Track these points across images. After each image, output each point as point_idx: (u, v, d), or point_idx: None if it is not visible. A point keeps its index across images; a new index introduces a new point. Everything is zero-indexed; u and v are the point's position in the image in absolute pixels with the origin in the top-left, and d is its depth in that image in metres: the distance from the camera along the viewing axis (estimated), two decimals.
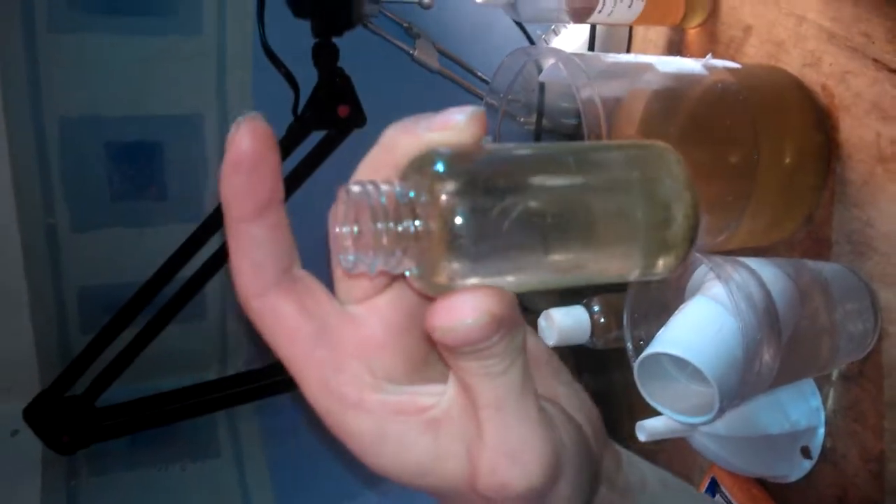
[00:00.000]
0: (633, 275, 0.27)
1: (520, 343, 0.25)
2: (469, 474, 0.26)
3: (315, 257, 0.30)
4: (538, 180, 0.25)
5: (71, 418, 0.93)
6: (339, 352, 0.26)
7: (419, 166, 0.24)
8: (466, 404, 0.26)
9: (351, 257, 0.24)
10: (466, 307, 0.23)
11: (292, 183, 0.88)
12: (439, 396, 0.26)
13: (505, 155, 0.25)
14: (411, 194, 0.23)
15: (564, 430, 0.28)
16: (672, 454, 0.79)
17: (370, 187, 0.24)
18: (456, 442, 0.26)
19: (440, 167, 0.23)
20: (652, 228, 0.26)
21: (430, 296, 0.24)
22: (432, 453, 0.26)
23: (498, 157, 0.25)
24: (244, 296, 0.25)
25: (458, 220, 0.23)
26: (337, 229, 0.24)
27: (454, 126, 0.25)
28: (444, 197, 0.23)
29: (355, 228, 0.23)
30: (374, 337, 0.26)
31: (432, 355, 0.28)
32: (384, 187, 0.24)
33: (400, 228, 0.23)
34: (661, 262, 0.27)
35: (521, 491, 0.25)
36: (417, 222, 0.23)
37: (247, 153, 0.24)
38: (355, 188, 0.24)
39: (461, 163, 0.24)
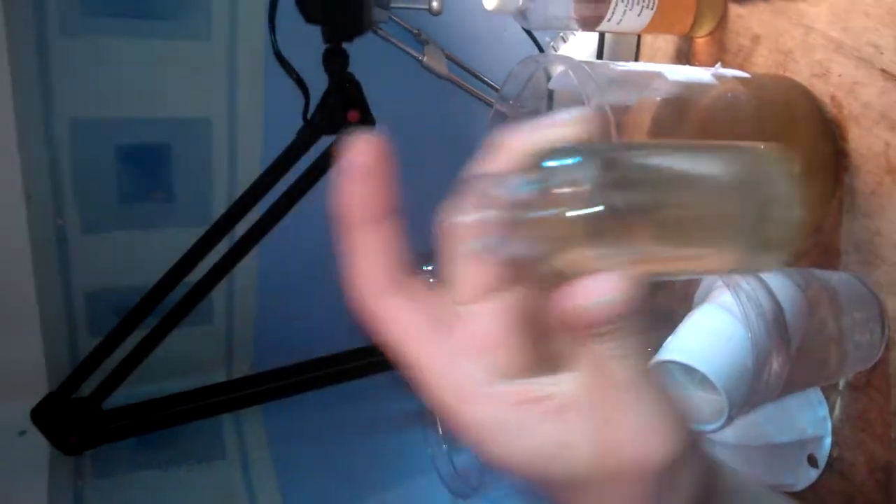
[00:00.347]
0: (742, 268, 0.29)
1: (641, 328, 0.26)
2: (599, 457, 0.27)
3: (317, 257, 0.30)
4: (665, 174, 0.26)
5: (78, 419, 0.94)
6: (454, 348, 0.27)
7: (548, 157, 0.25)
8: (594, 387, 0.27)
9: (481, 244, 0.25)
10: (606, 286, 0.25)
11: (302, 187, 0.88)
12: (553, 387, 0.27)
13: (629, 148, 0.27)
14: (538, 184, 0.24)
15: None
16: None
17: (498, 177, 0.25)
18: (581, 427, 0.27)
19: (574, 157, 0.24)
20: (767, 225, 0.28)
21: (561, 281, 0.26)
22: (556, 440, 0.27)
23: (623, 151, 0.27)
24: (361, 297, 0.27)
25: (595, 208, 0.24)
26: (464, 218, 0.25)
27: (569, 124, 0.27)
28: (581, 187, 0.24)
29: (485, 215, 0.25)
30: (488, 335, 0.27)
31: (542, 354, 0.29)
32: (512, 177, 0.25)
33: (532, 216, 0.24)
34: (770, 258, 0.28)
35: (662, 461, 0.27)
36: (548, 211, 0.24)
37: (366, 164, 0.25)
38: (483, 178, 0.25)
39: (594, 155, 0.25)
